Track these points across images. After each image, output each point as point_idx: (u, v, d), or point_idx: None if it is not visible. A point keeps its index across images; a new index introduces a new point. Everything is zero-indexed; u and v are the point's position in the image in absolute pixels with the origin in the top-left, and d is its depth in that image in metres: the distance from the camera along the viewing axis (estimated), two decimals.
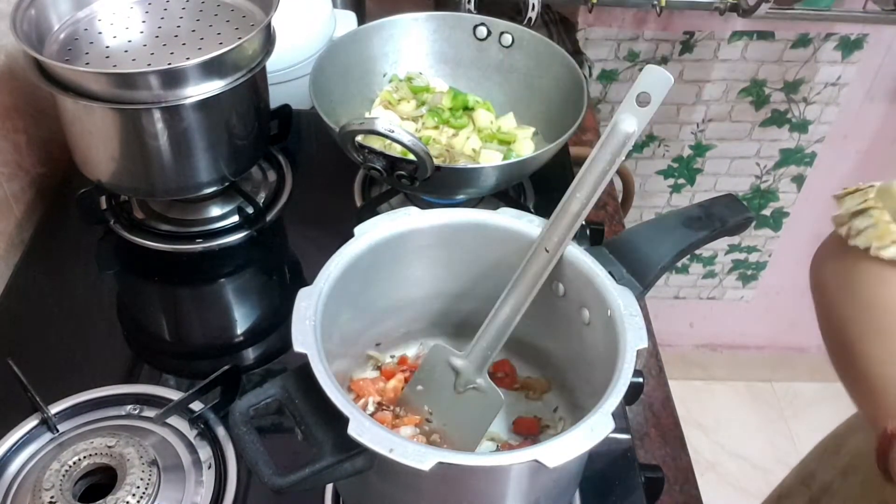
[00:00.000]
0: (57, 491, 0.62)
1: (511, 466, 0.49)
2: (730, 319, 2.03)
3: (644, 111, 0.54)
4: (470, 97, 0.97)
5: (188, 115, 0.79)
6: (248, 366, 0.80)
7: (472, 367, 0.63)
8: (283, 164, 1.00)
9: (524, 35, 0.96)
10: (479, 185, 0.84)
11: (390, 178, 0.80)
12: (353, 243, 0.60)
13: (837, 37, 1.48)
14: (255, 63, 0.82)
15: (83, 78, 0.75)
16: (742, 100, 1.59)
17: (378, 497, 0.57)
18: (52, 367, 0.78)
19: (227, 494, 0.67)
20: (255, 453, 0.51)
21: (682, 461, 0.77)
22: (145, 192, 0.89)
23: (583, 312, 0.61)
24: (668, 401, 0.82)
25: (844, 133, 1.64)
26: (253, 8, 0.87)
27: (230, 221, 0.92)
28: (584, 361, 0.62)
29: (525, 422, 0.68)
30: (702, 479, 0.76)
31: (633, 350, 0.53)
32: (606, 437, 0.48)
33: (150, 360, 0.82)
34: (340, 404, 0.49)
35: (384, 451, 0.47)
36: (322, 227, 0.94)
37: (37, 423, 0.70)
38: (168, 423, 0.71)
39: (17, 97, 0.91)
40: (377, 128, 0.74)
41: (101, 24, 0.84)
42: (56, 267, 0.89)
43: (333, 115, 0.88)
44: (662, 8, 1.28)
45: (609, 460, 0.72)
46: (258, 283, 0.91)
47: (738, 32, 1.47)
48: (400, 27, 0.98)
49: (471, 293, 0.67)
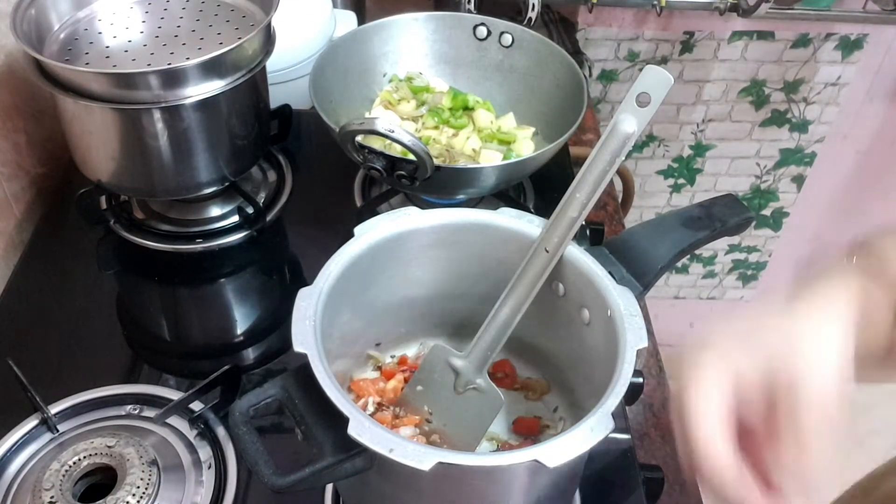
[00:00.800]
0: (57, 491, 0.62)
1: (511, 466, 0.49)
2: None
3: (644, 111, 0.54)
4: (470, 97, 0.97)
5: (188, 115, 0.79)
6: (248, 366, 0.80)
7: (472, 367, 0.63)
8: (283, 164, 1.00)
9: (524, 35, 0.96)
10: (479, 185, 0.84)
11: (390, 178, 0.80)
12: (353, 243, 0.60)
13: (837, 37, 1.48)
14: (255, 63, 0.82)
15: (83, 78, 0.75)
16: (742, 100, 1.59)
17: (378, 497, 0.57)
18: (52, 367, 0.78)
19: (227, 494, 0.67)
20: (255, 453, 0.51)
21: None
22: (145, 192, 0.89)
23: (583, 312, 0.61)
24: (667, 401, 0.82)
25: (844, 133, 1.64)
26: (253, 8, 0.87)
27: (230, 221, 0.92)
28: (584, 361, 0.62)
29: (525, 422, 0.68)
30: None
31: (633, 350, 0.53)
32: (606, 437, 0.48)
33: (150, 360, 0.82)
34: (340, 404, 0.49)
35: (384, 451, 0.47)
36: (322, 227, 0.94)
37: (37, 423, 0.70)
38: (168, 423, 0.71)
39: (17, 97, 0.91)
40: (377, 128, 0.74)
41: (101, 24, 0.84)
42: (56, 267, 0.89)
43: (333, 115, 0.88)
44: (662, 8, 1.28)
45: (609, 460, 0.72)
46: (258, 283, 0.91)
47: (738, 32, 1.47)
48: (400, 27, 0.98)
49: (471, 293, 0.67)
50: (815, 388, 0.43)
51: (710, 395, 0.44)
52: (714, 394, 0.44)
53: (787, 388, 0.43)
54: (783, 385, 0.43)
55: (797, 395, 0.43)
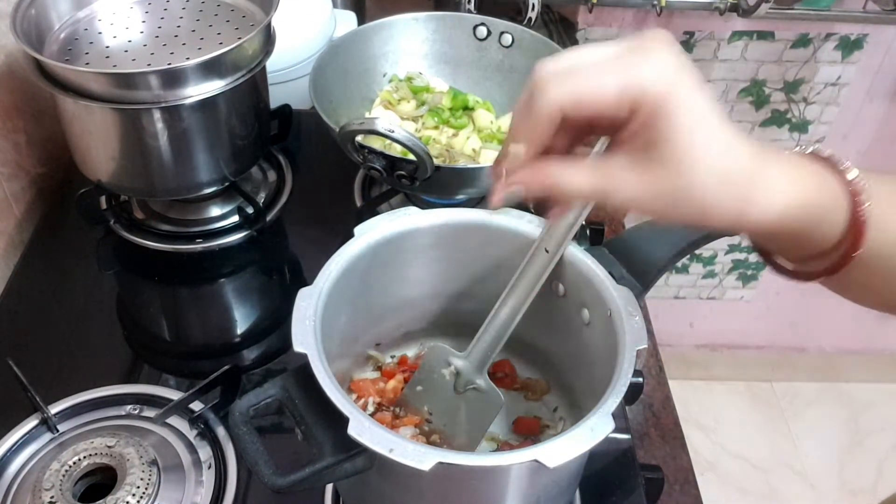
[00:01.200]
0: (57, 491, 0.62)
1: (511, 466, 0.49)
2: (730, 319, 2.02)
3: None
4: (470, 97, 0.97)
5: (188, 115, 0.79)
6: (248, 366, 0.80)
7: (472, 367, 0.63)
8: (283, 164, 1.00)
9: (524, 35, 0.96)
10: (479, 185, 0.84)
11: (390, 178, 0.80)
12: (353, 243, 0.60)
13: (837, 37, 1.48)
14: (255, 63, 0.82)
15: (83, 78, 0.75)
16: (742, 100, 1.59)
17: (378, 497, 0.57)
18: (52, 367, 0.78)
19: (227, 494, 0.67)
20: (255, 453, 0.51)
21: (681, 461, 0.77)
22: (145, 192, 0.89)
23: (583, 312, 0.61)
24: (667, 401, 0.82)
25: (844, 133, 1.64)
26: (253, 8, 0.87)
27: (230, 221, 0.92)
28: (584, 361, 0.62)
29: (525, 422, 0.68)
30: (701, 478, 0.76)
31: (633, 350, 0.53)
32: (606, 437, 0.48)
33: (150, 360, 0.82)
34: (340, 404, 0.49)
35: (384, 451, 0.47)
36: (322, 227, 0.94)
37: (37, 423, 0.70)
38: (168, 423, 0.71)
39: (17, 97, 0.92)
40: (377, 128, 0.74)
41: (101, 24, 0.84)
42: (56, 267, 0.89)
43: (333, 115, 0.88)
44: (662, 8, 1.28)
45: (609, 460, 0.72)
46: (258, 283, 0.92)
47: (738, 32, 1.47)
48: (400, 27, 0.98)
49: (471, 293, 0.67)
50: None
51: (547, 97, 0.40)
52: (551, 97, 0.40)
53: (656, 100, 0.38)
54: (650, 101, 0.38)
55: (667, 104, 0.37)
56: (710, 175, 0.38)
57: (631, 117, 0.38)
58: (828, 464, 1.97)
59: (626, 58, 0.38)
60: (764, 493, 1.91)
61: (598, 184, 0.40)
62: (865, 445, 2.02)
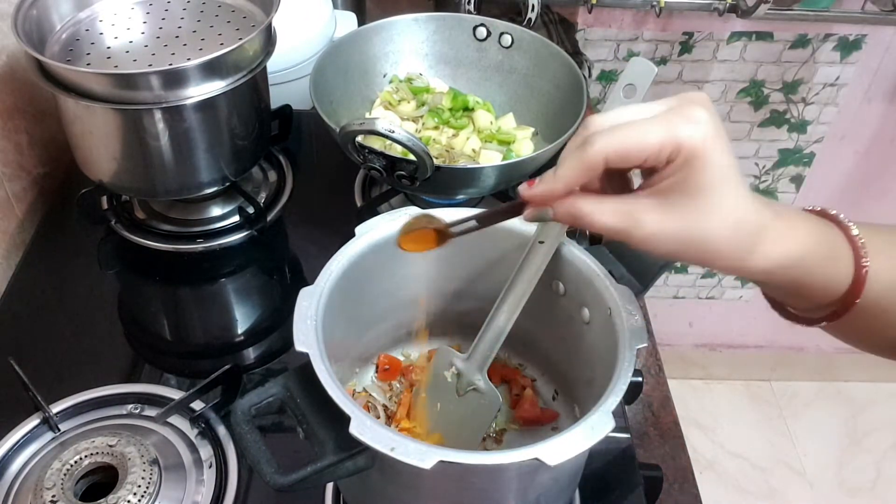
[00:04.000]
0: (58, 490, 0.62)
1: (511, 465, 0.50)
2: (729, 319, 2.03)
3: (630, 102, 0.55)
4: (470, 98, 0.97)
5: (189, 115, 0.79)
6: (249, 365, 0.81)
7: (472, 368, 0.63)
8: (283, 164, 1.01)
9: (524, 36, 0.97)
10: (478, 185, 0.85)
11: (390, 178, 0.80)
12: (354, 243, 0.61)
13: (836, 37, 1.48)
14: (255, 63, 0.82)
15: (84, 78, 0.75)
16: (741, 100, 1.59)
17: (379, 495, 0.57)
18: (53, 366, 0.78)
19: (228, 493, 0.67)
20: (257, 452, 0.51)
21: (681, 460, 0.77)
22: (146, 192, 0.89)
23: (583, 312, 0.61)
24: (667, 400, 0.83)
25: (843, 133, 1.65)
26: (253, 9, 0.87)
27: (231, 221, 0.93)
28: (584, 360, 0.62)
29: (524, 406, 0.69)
30: (701, 478, 0.77)
31: (633, 349, 0.54)
32: (606, 435, 0.48)
33: (151, 359, 0.82)
34: (342, 403, 0.49)
35: (385, 450, 0.47)
36: (323, 227, 0.94)
37: (38, 422, 0.71)
38: (169, 422, 0.71)
39: (19, 98, 0.92)
40: (377, 128, 0.75)
41: (102, 24, 0.84)
42: (57, 267, 0.90)
43: (334, 115, 0.88)
44: (661, 9, 1.28)
45: (609, 459, 0.72)
46: (259, 283, 0.92)
47: (737, 33, 1.47)
48: (400, 28, 0.99)
49: (471, 292, 0.68)
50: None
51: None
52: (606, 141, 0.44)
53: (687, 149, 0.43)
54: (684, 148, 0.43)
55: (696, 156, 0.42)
56: (723, 222, 0.44)
57: (666, 166, 0.43)
58: (826, 463, 1.97)
59: (670, 115, 0.43)
60: (763, 492, 1.92)
61: (621, 222, 0.45)
62: (864, 445, 2.02)
